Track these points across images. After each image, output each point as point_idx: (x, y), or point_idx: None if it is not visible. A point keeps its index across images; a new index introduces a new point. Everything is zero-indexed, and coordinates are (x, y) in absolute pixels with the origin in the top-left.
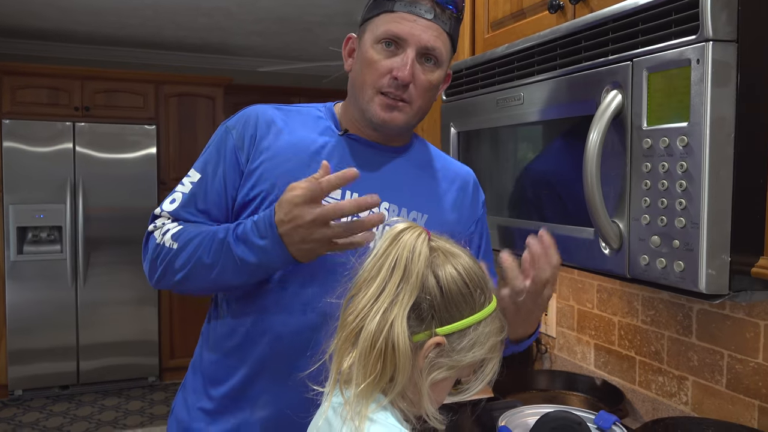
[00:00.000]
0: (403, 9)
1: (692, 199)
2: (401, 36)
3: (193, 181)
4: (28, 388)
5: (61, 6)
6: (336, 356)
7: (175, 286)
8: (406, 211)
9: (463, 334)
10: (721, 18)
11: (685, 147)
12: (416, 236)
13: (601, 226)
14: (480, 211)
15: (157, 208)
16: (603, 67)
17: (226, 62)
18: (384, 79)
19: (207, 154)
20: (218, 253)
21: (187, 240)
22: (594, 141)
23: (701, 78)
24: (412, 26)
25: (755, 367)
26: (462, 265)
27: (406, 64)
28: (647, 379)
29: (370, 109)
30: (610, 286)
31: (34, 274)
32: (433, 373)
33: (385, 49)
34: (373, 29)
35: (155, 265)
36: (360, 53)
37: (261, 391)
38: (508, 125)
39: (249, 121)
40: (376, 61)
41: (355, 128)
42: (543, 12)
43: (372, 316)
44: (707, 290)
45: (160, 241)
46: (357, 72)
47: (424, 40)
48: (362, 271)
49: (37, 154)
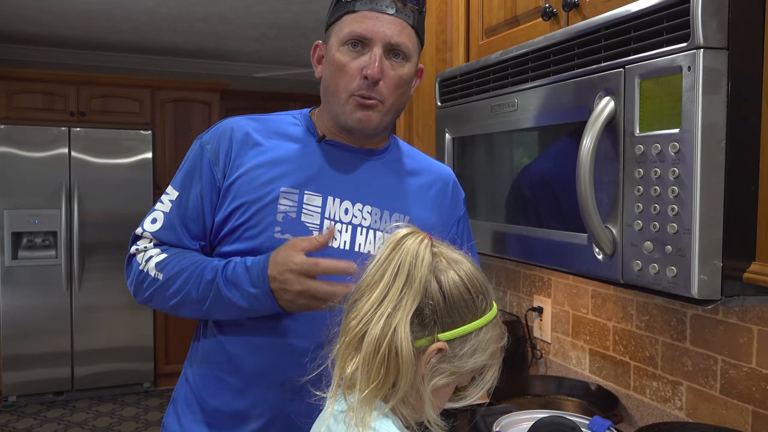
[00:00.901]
0: (365, 7)
1: (684, 204)
2: (365, 35)
3: (172, 199)
4: (22, 394)
5: (54, 11)
6: (339, 361)
7: (165, 311)
8: (388, 213)
9: (465, 340)
10: (711, 26)
11: (677, 153)
12: (419, 242)
13: (595, 232)
14: (461, 210)
15: (138, 228)
16: (596, 74)
17: (222, 68)
18: (355, 81)
19: (184, 171)
20: (207, 292)
21: (174, 274)
22: (587, 147)
23: (692, 85)
24: (375, 23)
25: (748, 372)
26: (464, 270)
27: (375, 61)
28: (642, 385)
29: (345, 112)
30: (604, 292)
31: (29, 280)
32: (435, 378)
33: (352, 50)
34: (338, 32)
35: (141, 289)
36: (328, 58)
37: (254, 403)
38: (502, 131)
39: (224, 135)
40: (345, 64)
41: (331, 133)
42: (537, 19)
43: (376, 320)
44: (699, 295)
45: (143, 268)
46: (328, 78)
47: (388, 36)
48: (365, 276)
49: (33, 159)
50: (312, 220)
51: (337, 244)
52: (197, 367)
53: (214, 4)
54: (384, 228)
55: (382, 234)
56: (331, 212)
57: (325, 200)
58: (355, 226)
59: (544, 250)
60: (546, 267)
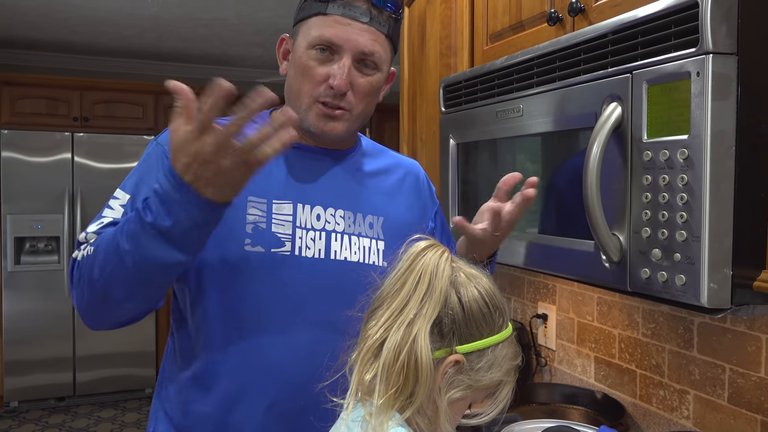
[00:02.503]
0: (337, 12)
1: (693, 212)
2: (335, 42)
3: (123, 203)
4: (24, 399)
5: (58, 17)
6: (357, 367)
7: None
8: (361, 216)
9: (482, 354)
10: (721, 31)
11: (686, 160)
12: (439, 254)
13: (602, 239)
14: (437, 203)
15: (83, 232)
16: (602, 80)
17: (226, 73)
18: (320, 88)
19: (138, 174)
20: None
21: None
22: (594, 153)
23: (701, 91)
24: (347, 30)
25: (757, 381)
26: (483, 286)
27: (343, 72)
28: (648, 393)
29: (309, 119)
30: (610, 299)
31: (32, 285)
32: (452, 390)
33: (320, 54)
34: (306, 33)
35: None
36: (294, 58)
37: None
38: (507, 137)
39: None
40: (311, 68)
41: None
42: (542, 24)
43: (396, 328)
44: (709, 304)
45: (77, 257)
46: (292, 78)
47: (361, 46)
48: (385, 285)
49: (36, 164)
50: (284, 230)
51: (312, 253)
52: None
53: (217, 10)
54: (357, 231)
55: (357, 238)
56: (302, 220)
57: (295, 208)
58: (329, 232)
59: (550, 257)
60: (552, 274)
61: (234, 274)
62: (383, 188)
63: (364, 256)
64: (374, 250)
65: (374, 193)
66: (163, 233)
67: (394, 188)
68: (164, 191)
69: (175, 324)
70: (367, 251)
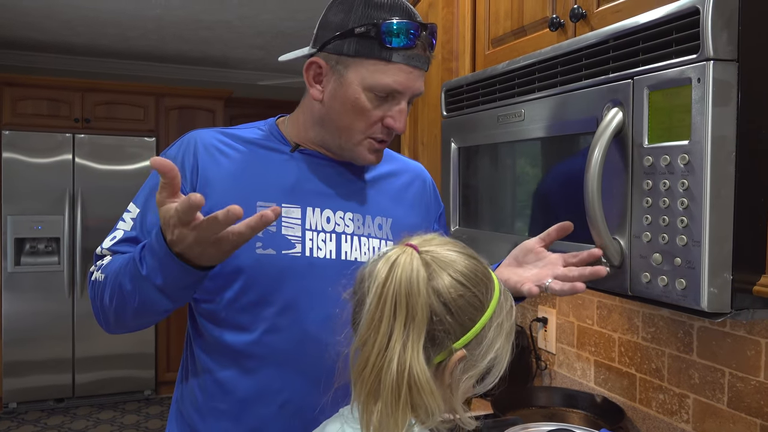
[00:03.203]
0: (401, 61)
1: (694, 217)
2: (399, 90)
3: (134, 216)
4: (22, 400)
5: (60, 18)
6: (362, 412)
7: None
8: (370, 218)
9: (481, 337)
10: (722, 37)
11: (687, 165)
12: (408, 263)
13: (602, 243)
14: (441, 206)
15: (99, 247)
16: (604, 85)
17: (227, 75)
18: (375, 127)
19: (148, 188)
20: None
21: (113, 269)
22: (595, 158)
23: (702, 97)
24: (409, 78)
25: (756, 385)
26: (460, 271)
27: (403, 115)
28: (648, 397)
29: (356, 152)
30: (610, 303)
31: (31, 286)
32: (463, 384)
33: (377, 97)
34: (363, 74)
35: (94, 305)
36: (343, 93)
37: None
38: (508, 141)
39: (188, 149)
40: (368, 110)
41: (307, 145)
42: (544, 29)
43: (387, 366)
44: (709, 308)
45: (94, 278)
46: (338, 112)
47: (416, 89)
48: (363, 318)
49: (37, 165)
50: (293, 233)
51: (323, 254)
52: (189, 402)
53: (220, 13)
54: (367, 233)
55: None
56: (312, 223)
57: (304, 211)
58: (339, 234)
59: None
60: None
61: (246, 277)
62: (391, 191)
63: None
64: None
65: (382, 196)
66: (157, 286)
67: (401, 191)
68: (155, 252)
69: (191, 324)
70: (377, 252)
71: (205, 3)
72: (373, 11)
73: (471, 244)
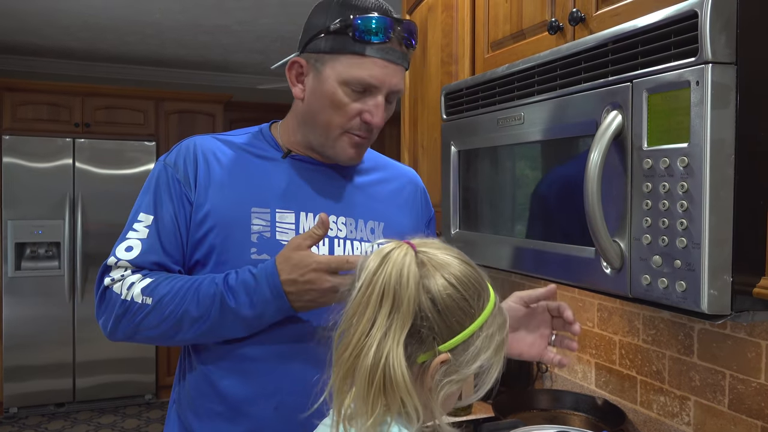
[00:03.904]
0: (376, 55)
1: (693, 219)
2: (375, 84)
3: (147, 224)
4: (23, 405)
5: (60, 24)
6: (336, 395)
7: (150, 341)
8: (363, 222)
9: (467, 344)
10: (720, 41)
11: (686, 168)
12: (402, 256)
13: (602, 246)
14: (432, 211)
15: (110, 258)
16: (603, 88)
17: (226, 79)
18: (353, 122)
19: (152, 195)
20: (209, 306)
21: (165, 294)
22: (595, 161)
23: (701, 100)
24: (384, 73)
25: (757, 387)
26: (453, 274)
27: (380, 110)
28: (649, 399)
29: (336, 148)
30: (610, 305)
31: (32, 290)
32: (443, 390)
33: (354, 92)
34: (339, 69)
35: (123, 321)
36: (321, 89)
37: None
38: (508, 144)
39: (188, 155)
40: (345, 104)
41: (297, 149)
42: (543, 33)
43: (365, 351)
44: (709, 310)
45: (126, 297)
46: (317, 109)
47: (394, 86)
48: (350, 303)
49: (37, 170)
50: (287, 238)
51: None
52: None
53: (219, 17)
54: (359, 237)
55: (359, 244)
56: (305, 227)
57: (297, 216)
58: (331, 239)
59: (551, 264)
60: (553, 281)
61: None
62: (383, 196)
63: None
64: None
65: (374, 201)
66: (240, 318)
67: (393, 196)
68: (257, 288)
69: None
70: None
71: (204, 8)
72: (348, 9)
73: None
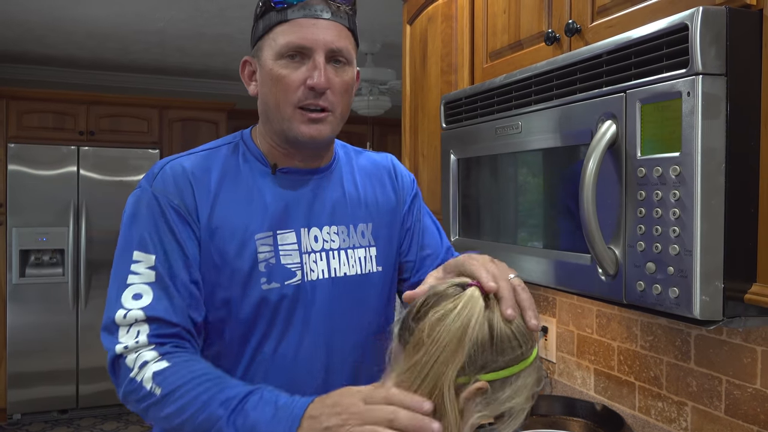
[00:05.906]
0: (298, 15)
1: (685, 226)
2: (305, 45)
3: (150, 265)
4: (27, 412)
5: (64, 31)
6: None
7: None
8: (353, 227)
9: (506, 383)
10: (710, 53)
11: (678, 176)
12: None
13: (598, 253)
14: (415, 189)
15: (118, 310)
16: (598, 98)
17: (229, 87)
18: (298, 93)
19: (149, 231)
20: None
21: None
22: (590, 169)
23: (692, 110)
24: (313, 31)
25: (753, 392)
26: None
27: (320, 70)
28: (647, 405)
29: (293, 128)
30: (609, 312)
31: (36, 297)
32: (473, 417)
33: (291, 62)
34: (271, 45)
35: (132, 400)
36: (263, 74)
37: None
38: (506, 153)
39: (178, 180)
40: (285, 77)
41: (280, 157)
42: (540, 44)
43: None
44: (701, 316)
45: (136, 376)
46: (266, 93)
47: (329, 43)
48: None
49: (42, 177)
50: (292, 260)
51: (316, 275)
52: None
53: (221, 26)
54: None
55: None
56: (305, 245)
57: (298, 235)
58: (327, 251)
59: (548, 271)
60: (550, 287)
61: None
62: (367, 193)
63: (361, 267)
64: (368, 258)
65: (360, 201)
66: None
67: (375, 189)
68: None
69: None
70: (363, 262)
71: (207, 17)
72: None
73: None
